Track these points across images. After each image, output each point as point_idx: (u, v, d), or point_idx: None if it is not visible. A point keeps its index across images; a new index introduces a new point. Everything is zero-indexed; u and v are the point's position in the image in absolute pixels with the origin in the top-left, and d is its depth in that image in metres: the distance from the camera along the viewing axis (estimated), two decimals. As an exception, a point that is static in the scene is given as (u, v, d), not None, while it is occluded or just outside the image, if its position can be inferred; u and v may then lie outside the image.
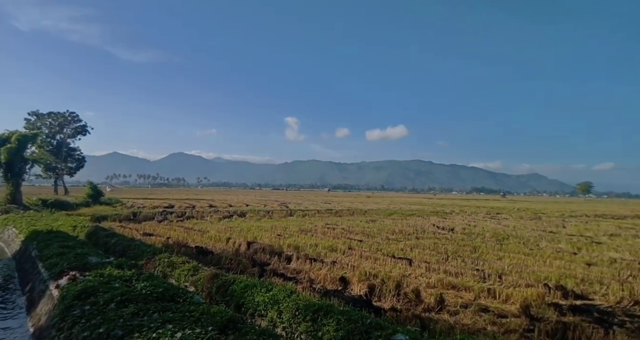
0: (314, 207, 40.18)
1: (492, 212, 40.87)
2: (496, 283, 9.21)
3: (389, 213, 33.93)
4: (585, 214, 42.28)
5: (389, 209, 40.83)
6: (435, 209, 43.79)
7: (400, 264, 11.12)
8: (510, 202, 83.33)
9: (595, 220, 32.18)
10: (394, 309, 6.78)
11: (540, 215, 36.87)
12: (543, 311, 6.95)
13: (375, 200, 68.82)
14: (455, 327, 5.89)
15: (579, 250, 14.97)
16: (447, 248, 14.41)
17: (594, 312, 7.17)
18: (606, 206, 73.28)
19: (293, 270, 10.01)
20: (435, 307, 7.16)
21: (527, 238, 18.20)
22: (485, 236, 18.50)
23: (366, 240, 15.91)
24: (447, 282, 9.06)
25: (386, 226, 21.91)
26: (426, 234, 18.82)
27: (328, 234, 17.85)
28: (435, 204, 60.63)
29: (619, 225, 27.84)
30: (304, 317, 4.90)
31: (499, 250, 14.34)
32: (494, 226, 24.00)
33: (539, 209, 49.99)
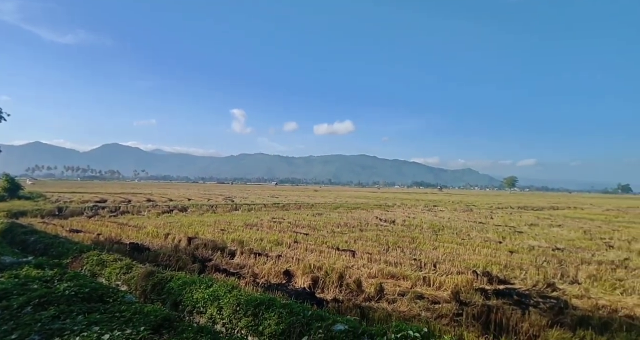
0: (260, 201, 39.67)
1: (430, 205, 43.38)
2: (431, 271, 9.79)
3: (335, 207, 34.56)
4: (510, 205, 46.52)
5: (335, 202, 41.58)
6: (379, 202, 45.44)
7: (344, 256, 11.38)
8: (447, 196, 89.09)
9: (518, 212, 35.50)
10: (336, 300, 6.93)
11: (472, 208, 39.86)
12: (471, 296, 7.53)
13: (323, 194, 69.69)
14: (393, 314, 6.17)
15: (504, 239, 16.41)
16: (389, 239, 15.01)
17: (514, 295, 7.93)
18: (528, 199, 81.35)
19: (236, 265, 9.81)
20: (375, 296, 7.44)
21: (459, 229, 19.55)
22: (423, 227, 19.57)
23: (312, 234, 16.05)
24: (387, 272, 9.45)
25: (332, 219, 22.29)
26: (369, 227, 19.44)
27: (274, 228, 17.73)
28: (379, 197, 62.91)
29: (537, 215, 31.00)
30: (245, 312, 4.82)
31: (434, 240, 15.25)
32: (431, 218, 25.48)
33: (471, 202, 54.11)
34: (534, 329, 5.50)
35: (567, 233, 18.94)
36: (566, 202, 62.70)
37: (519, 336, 5.40)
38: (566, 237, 17.28)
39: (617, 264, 11.34)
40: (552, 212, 36.14)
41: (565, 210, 40.95)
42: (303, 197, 54.65)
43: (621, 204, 60.59)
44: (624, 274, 10.06)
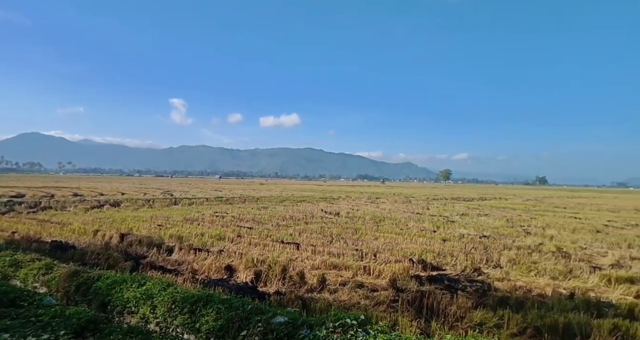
0: (202, 195, 38.22)
1: (373, 197, 44.98)
2: (371, 261, 10.17)
3: (281, 200, 34.43)
4: (445, 197, 49.82)
5: (281, 195, 41.42)
6: (325, 195, 46.13)
7: (289, 249, 11.39)
8: (388, 188, 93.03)
9: (451, 203, 38.13)
10: (278, 293, 6.91)
11: (411, 199, 42.04)
12: (407, 283, 7.95)
13: (269, 188, 69.05)
14: (334, 304, 6.31)
15: (438, 228, 17.52)
16: (333, 231, 15.31)
17: (445, 280, 8.51)
18: (460, 190, 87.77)
19: (174, 262, 9.36)
20: (317, 287, 7.55)
21: (399, 219, 20.52)
22: (366, 219, 20.24)
23: (256, 227, 15.84)
24: (330, 263, 9.63)
25: (277, 213, 22.18)
26: (315, 219, 19.66)
27: (216, 222, 17.21)
28: (324, 190, 63.84)
29: (468, 206, 33.56)
30: (182, 310, 4.61)
31: (375, 231, 15.84)
32: (373, 210, 26.43)
33: (410, 194, 57.09)
34: (461, 310, 5.95)
35: (493, 221, 20.74)
36: (493, 193, 68.73)
37: (447, 318, 5.80)
38: (492, 225, 18.91)
39: (532, 249, 12.63)
40: (481, 203, 39.32)
41: (492, 200, 44.77)
42: (248, 190, 53.70)
43: (538, 195, 67.77)
44: (538, 258, 11.25)
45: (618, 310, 6.56)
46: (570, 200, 50.53)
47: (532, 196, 59.81)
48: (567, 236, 15.85)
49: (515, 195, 64.33)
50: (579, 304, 6.74)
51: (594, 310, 6.52)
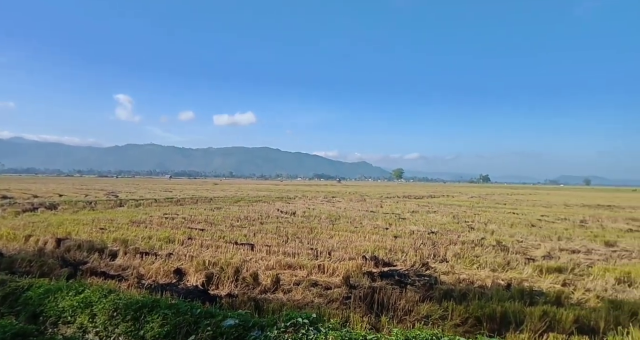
0: (151, 195, 36.38)
1: (329, 196, 45.47)
2: (326, 259, 10.28)
3: (236, 200, 33.71)
4: (397, 195, 51.60)
5: (236, 196, 40.54)
6: (281, 194, 45.85)
7: (243, 250, 11.19)
8: (344, 187, 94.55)
9: (403, 200, 39.56)
10: (230, 295, 6.76)
11: (365, 198, 43.06)
12: (360, 279, 8.14)
13: (223, 188, 67.28)
14: (287, 303, 6.30)
15: (390, 225, 18.11)
16: (288, 231, 15.27)
17: (395, 276, 8.82)
18: (411, 188, 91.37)
19: (118, 267, 8.82)
20: (271, 287, 7.49)
21: (354, 217, 20.93)
22: (322, 218, 20.41)
23: (209, 229, 15.37)
24: (284, 263, 9.60)
25: (232, 213, 21.68)
26: (270, 219, 19.47)
27: (166, 224, 16.45)
28: (281, 189, 63.46)
29: (418, 203, 35.01)
30: (124, 317, 4.36)
31: (331, 229, 16.03)
32: (329, 208, 26.73)
33: (365, 192, 58.47)
34: (409, 304, 6.21)
35: (441, 218, 21.83)
36: (441, 191, 72.35)
37: (397, 312, 6.02)
38: (440, 222, 19.90)
39: (476, 243, 13.47)
40: (430, 200, 41.21)
41: (440, 198, 47.10)
42: (201, 190, 51.95)
43: (482, 192, 72.38)
44: (480, 251, 12.00)
45: (547, 298, 7.19)
46: (509, 196, 54.50)
47: (476, 193, 63.73)
48: (506, 230, 17.08)
49: (461, 192, 68.20)
50: (515, 294, 7.30)
51: (527, 298, 7.11)
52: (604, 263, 10.82)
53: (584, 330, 5.65)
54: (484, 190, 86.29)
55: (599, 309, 6.51)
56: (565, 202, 41.79)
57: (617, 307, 6.61)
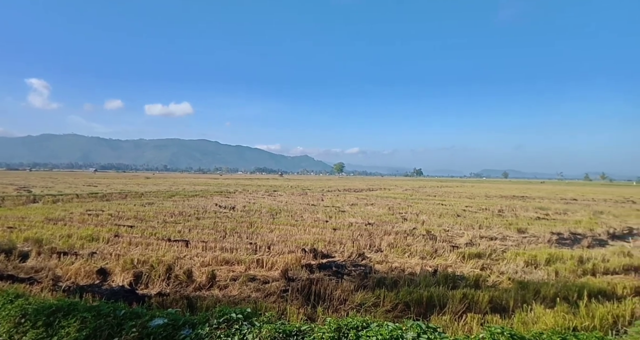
0: (71, 190, 33.15)
1: (271, 190, 45.11)
2: (265, 253, 10.21)
3: (171, 195, 32.00)
4: (338, 188, 52.82)
5: (170, 190, 38.49)
6: (220, 188, 44.47)
7: (176, 247, 10.68)
8: (286, 181, 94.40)
9: (343, 194, 40.62)
10: (161, 294, 6.42)
11: (307, 191, 43.45)
12: (298, 272, 8.22)
13: (156, 182, 63.45)
14: (222, 300, 6.16)
15: (330, 218, 18.50)
16: (227, 226, 14.88)
17: (333, 267, 9.05)
18: (352, 182, 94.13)
19: (30, 269, 7.91)
20: (206, 284, 7.26)
21: (295, 211, 21.02)
22: (262, 212, 20.19)
23: (139, 226, 14.41)
24: (221, 259, 9.35)
25: (165, 208, 20.55)
26: (208, 214, 18.80)
27: (89, 221, 15.09)
28: (220, 184, 61.52)
29: (357, 196, 36.18)
30: (34, 324, 3.92)
31: (271, 223, 15.94)
32: (271, 202, 26.54)
33: (306, 186, 58.99)
34: (345, 294, 6.42)
35: (377, 210, 22.80)
36: (379, 184, 75.58)
37: (332, 302, 6.19)
38: (376, 214, 20.78)
39: (408, 233, 14.28)
40: (368, 193, 42.80)
41: (378, 191, 49.15)
42: (131, 185, 48.48)
43: (415, 185, 76.87)
44: (411, 240, 12.76)
45: (468, 281, 7.89)
46: (439, 189, 58.63)
47: (410, 186, 67.54)
48: (435, 221, 18.36)
49: (397, 185, 71.85)
50: (440, 279, 7.89)
51: (451, 283, 7.73)
52: (516, 248, 12.12)
53: (497, 309, 6.30)
54: (417, 184, 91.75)
55: (510, 289, 7.30)
56: (486, 194, 46.02)
57: (525, 287, 7.47)
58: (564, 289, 7.16)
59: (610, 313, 5.83)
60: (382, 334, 3.50)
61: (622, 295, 7.17)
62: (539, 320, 5.47)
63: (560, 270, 9.16)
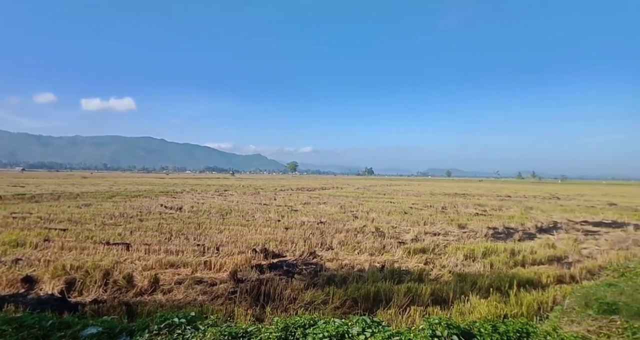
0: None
1: (221, 189, 43.89)
2: (214, 255, 9.91)
3: (111, 195, 29.93)
4: (291, 188, 52.71)
5: (111, 190, 36.01)
6: (166, 188, 42.44)
7: (116, 250, 10.01)
8: (238, 180, 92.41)
9: (296, 193, 40.61)
10: (97, 301, 5.98)
11: (259, 191, 42.86)
12: (248, 273, 8.08)
13: (94, 181, 59.03)
14: (166, 304, 5.88)
15: (282, 217, 18.41)
16: (172, 227, 14.24)
17: (284, 266, 9.01)
18: (305, 181, 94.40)
19: (-62, 282, 6.97)
20: (149, 289, 6.88)
21: (246, 211, 20.63)
22: (211, 212, 19.58)
23: (73, 229, 13.30)
24: (166, 262, 8.93)
25: (104, 210, 19.17)
26: (152, 215, 17.85)
27: (13, 225, 13.65)
28: (166, 183, 58.71)
29: (310, 195, 36.37)
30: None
31: (221, 224, 15.50)
32: (221, 202, 25.81)
33: (259, 185, 58.18)
34: (294, 292, 6.43)
35: (330, 209, 23.10)
36: (332, 183, 76.60)
37: (282, 301, 6.17)
38: (328, 212, 21.04)
39: (358, 231, 14.63)
40: (321, 192, 43.23)
41: (331, 190, 49.81)
42: (65, 185, 44.65)
43: (366, 184, 78.99)
44: (361, 238, 13.09)
45: (412, 276, 8.26)
46: (388, 187, 60.75)
47: (361, 185, 69.29)
48: (384, 218, 18.99)
49: (349, 184, 73.38)
50: (387, 274, 8.18)
51: (397, 277, 8.04)
52: (456, 243, 12.90)
53: (438, 301, 6.67)
54: (368, 182, 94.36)
55: (450, 282, 7.76)
56: (431, 192, 48.50)
57: (463, 279, 7.98)
58: (497, 280, 7.76)
59: (536, 300, 6.42)
60: (328, 331, 3.55)
61: (547, 284, 7.92)
62: (475, 309, 5.88)
63: (494, 262, 9.90)
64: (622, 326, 4.00)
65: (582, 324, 4.15)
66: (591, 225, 18.51)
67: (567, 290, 6.98)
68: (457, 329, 3.55)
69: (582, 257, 11.08)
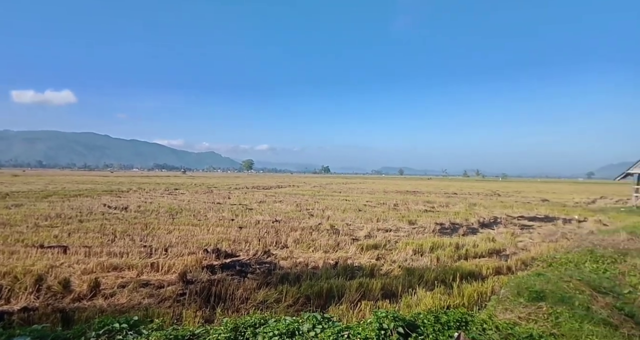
0: None
1: (171, 188, 42.07)
2: (162, 256, 9.48)
3: (46, 195, 27.54)
4: (246, 186, 51.83)
5: (46, 189, 33.14)
6: (111, 187, 39.88)
7: (51, 254, 9.24)
8: (190, 178, 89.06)
9: (251, 191, 39.97)
10: (27, 309, 5.47)
11: (213, 189, 41.64)
12: (198, 274, 7.82)
13: (27, 180, 53.99)
14: (108, 309, 5.53)
15: (237, 216, 18.03)
16: (117, 228, 13.42)
17: (237, 266, 8.84)
18: (261, 179, 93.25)
19: None
20: (88, 293, 6.42)
21: (198, 210, 19.95)
22: (160, 212, 18.71)
23: (0, 232, 12.07)
24: (108, 264, 8.39)
25: (38, 211, 17.59)
26: (93, 216, 16.68)
27: None
28: (111, 182, 55.18)
29: (266, 194, 35.98)
30: None
31: (170, 224, 14.86)
32: (170, 201, 24.74)
33: (212, 184, 56.49)
34: (247, 292, 6.33)
35: (285, 207, 23.01)
36: (288, 182, 76.32)
37: (234, 302, 6.05)
38: (284, 211, 20.94)
39: (313, 228, 14.72)
40: (277, 190, 42.93)
41: (287, 188, 49.64)
42: (-7, 183, 40.39)
43: (322, 182, 79.68)
44: (316, 236, 13.17)
45: (364, 271, 8.47)
46: (344, 185, 61.73)
47: (317, 183, 69.76)
48: (339, 215, 19.28)
49: (305, 182, 73.56)
50: (340, 271, 8.32)
51: (349, 273, 8.21)
52: (407, 238, 13.42)
53: (388, 295, 6.91)
54: (325, 180, 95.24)
55: (399, 276, 8.07)
56: (384, 189, 50.03)
57: (411, 273, 8.33)
58: (443, 273, 8.19)
59: (476, 291, 6.87)
60: (279, 329, 3.54)
61: (486, 275, 8.49)
62: (421, 302, 6.17)
63: (441, 256, 10.44)
64: (547, 312, 4.42)
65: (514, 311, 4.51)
66: (526, 220, 20.13)
67: (503, 280, 7.53)
68: (402, 321, 3.70)
69: (518, 249, 12.02)
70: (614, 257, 9.11)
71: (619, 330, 4.36)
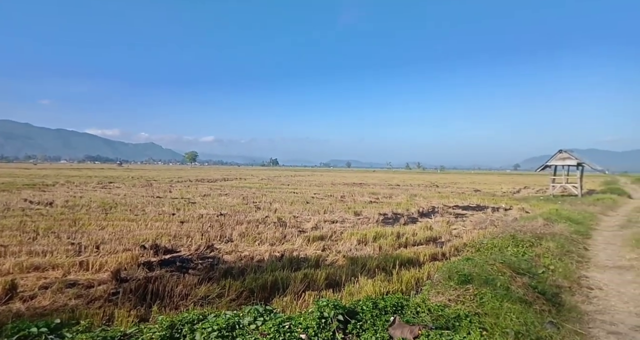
0: None
1: (105, 181, 39.08)
2: (92, 254, 8.80)
3: (-49, 189, 24.17)
4: (189, 179, 49.71)
5: (-49, 183, 29.07)
6: (33, 180, 36.07)
7: (-44, 256, 8.14)
8: (127, 171, 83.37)
9: (195, 184, 38.42)
10: None
11: (152, 182, 39.39)
12: (134, 271, 7.36)
13: None
14: (27, 313, 5.00)
15: (178, 210, 17.23)
16: (40, 225, 12.18)
17: (177, 262, 8.46)
18: (206, 172, 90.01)
19: None
20: (3, 297, 5.77)
21: (135, 204, 18.76)
22: (91, 207, 17.30)
23: None
24: (29, 264, 7.61)
25: (-60, 207, 15.39)
26: (12, 212, 14.98)
27: None
28: (33, 174, 49.88)
29: (211, 187, 34.81)
30: None
31: (103, 219, 13.82)
32: (104, 196, 22.99)
33: (152, 177, 53.40)
34: (187, 288, 6.09)
35: (231, 200, 22.45)
36: (235, 174, 74.53)
37: (173, 299, 5.79)
38: (230, 204, 20.43)
39: (260, 221, 14.53)
40: (223, 183, 41.74)
41: (234, 181, 48.45)
42: None
43: (270, 174, 78.98)
44: (263, 228, 13.03)
45: (310, 262, 8.56)
46: (292, 178, 61.72)
47: (265, 176, 68.98)
48: (287, 208, 19.25)
49: (253, 175, 72.37)
50: (286, 263, 8.33)
51: (295, 265, 8.25)
52: (352, 229, 13.77)
53: (332, 284, 7.05)
54: (273, 173, 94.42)
55: (343, 265, 8.27)
56: (332, 182, 50.86)
57: (355, 262, 8.58)
58: (384, 261, 8.54)
59: (414, 277, 7.27)
60: (218, 324, 3.45)
61: (423, 262, 9.01)
62: (362, 289, 6.38)
63: (383, 245, 10.87)
64: (473, 293, 4.81)
65: (445, 294, 4.85)
66: (461, 209, 21.66)
67: (438, 266, 8.05)
68: (342, 309, 3.79)
69: (452, 236, 12.89)
70: (531, 241, 10.14)
71: (532, 307, 4.89)
